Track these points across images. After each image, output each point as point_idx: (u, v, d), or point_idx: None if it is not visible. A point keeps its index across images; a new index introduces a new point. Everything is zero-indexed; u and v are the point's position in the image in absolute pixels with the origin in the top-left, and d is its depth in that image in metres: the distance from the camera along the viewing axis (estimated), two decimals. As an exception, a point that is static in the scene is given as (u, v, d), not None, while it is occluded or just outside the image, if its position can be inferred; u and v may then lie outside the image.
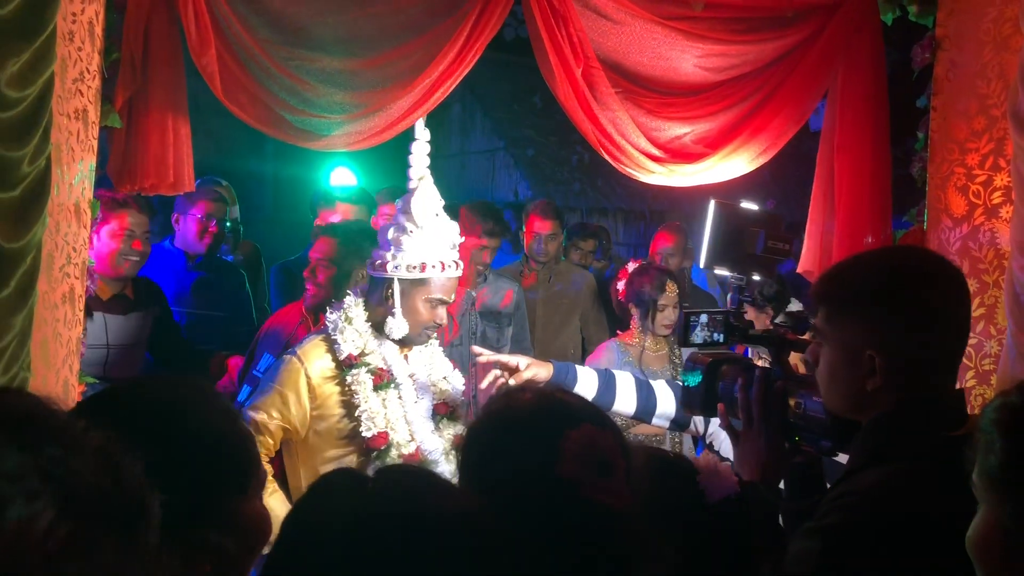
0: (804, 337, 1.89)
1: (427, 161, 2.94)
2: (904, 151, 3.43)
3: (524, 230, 4.93)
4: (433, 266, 2.76)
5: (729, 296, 1.89)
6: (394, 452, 2.71)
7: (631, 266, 4.06)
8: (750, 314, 3.21)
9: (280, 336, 3.56)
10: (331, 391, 2.76)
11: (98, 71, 2.87)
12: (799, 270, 3.53)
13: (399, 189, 4.10)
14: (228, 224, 4.70)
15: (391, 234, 2.80)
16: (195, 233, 4.30)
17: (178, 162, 3.07)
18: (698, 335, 1.83)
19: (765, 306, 3.88)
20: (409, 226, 2.76)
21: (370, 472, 1.01)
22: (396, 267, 2.75)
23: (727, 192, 4.42)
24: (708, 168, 3.41)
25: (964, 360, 2.07)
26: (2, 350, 2.24)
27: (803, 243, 3.53)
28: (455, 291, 2.86)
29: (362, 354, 2.75)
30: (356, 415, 2.71)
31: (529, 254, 4.87)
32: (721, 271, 1.92)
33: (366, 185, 6.04)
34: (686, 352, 4.05)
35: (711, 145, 3.39)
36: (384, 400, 2.73)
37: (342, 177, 7.00)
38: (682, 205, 7.65)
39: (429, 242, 2.77)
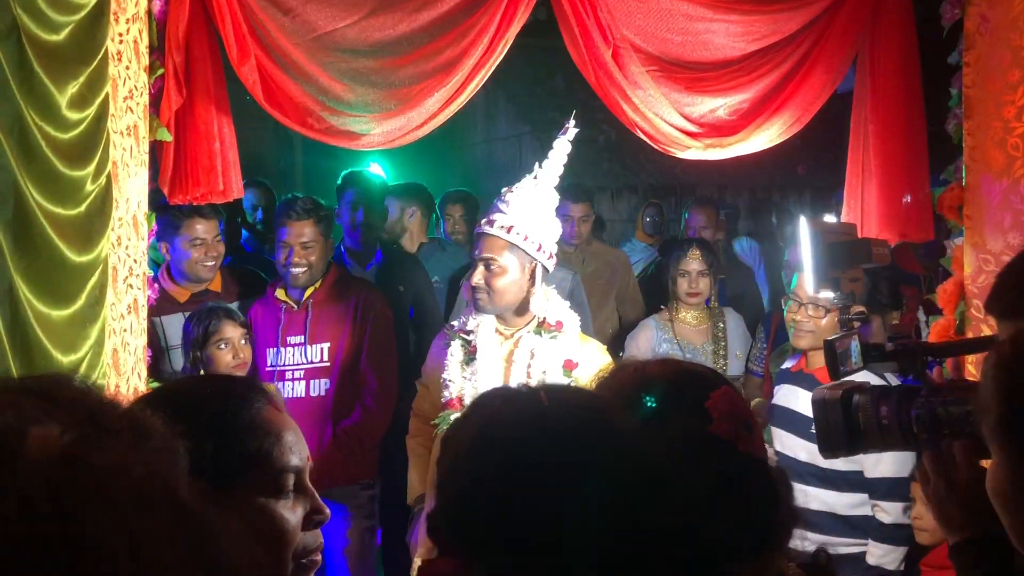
0: (950, 338, 1.67)
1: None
2: (938, 109, 3.44)
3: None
4: None
5: (839, 320, 1.81)
6: (452, 418, 2.81)
7: None
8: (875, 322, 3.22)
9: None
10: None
11: (145, 88, 2.96)
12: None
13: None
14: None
15: None
16: None
17: (226, 169, 3.16)
18: (848, 362, 1.67)
19: (892, 310, 3.64)
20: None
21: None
22: None
23: (756, 163, 4.43)
24: (743, 139, 3.43)
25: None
26: (80, 359, 2.35)
27: (842, 207, 3.55)
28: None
29: (465, 330, 2.92)
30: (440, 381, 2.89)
31: (561, 236, 4.86)
32: (826, 293, 1.85)
33: (393, 180, 6.09)
34: (732, 327, 4.06)
35: (745, 117, 3.41)
36: (464, 373, 2.86)
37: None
38: (712, 177, 7.64)
39: None
